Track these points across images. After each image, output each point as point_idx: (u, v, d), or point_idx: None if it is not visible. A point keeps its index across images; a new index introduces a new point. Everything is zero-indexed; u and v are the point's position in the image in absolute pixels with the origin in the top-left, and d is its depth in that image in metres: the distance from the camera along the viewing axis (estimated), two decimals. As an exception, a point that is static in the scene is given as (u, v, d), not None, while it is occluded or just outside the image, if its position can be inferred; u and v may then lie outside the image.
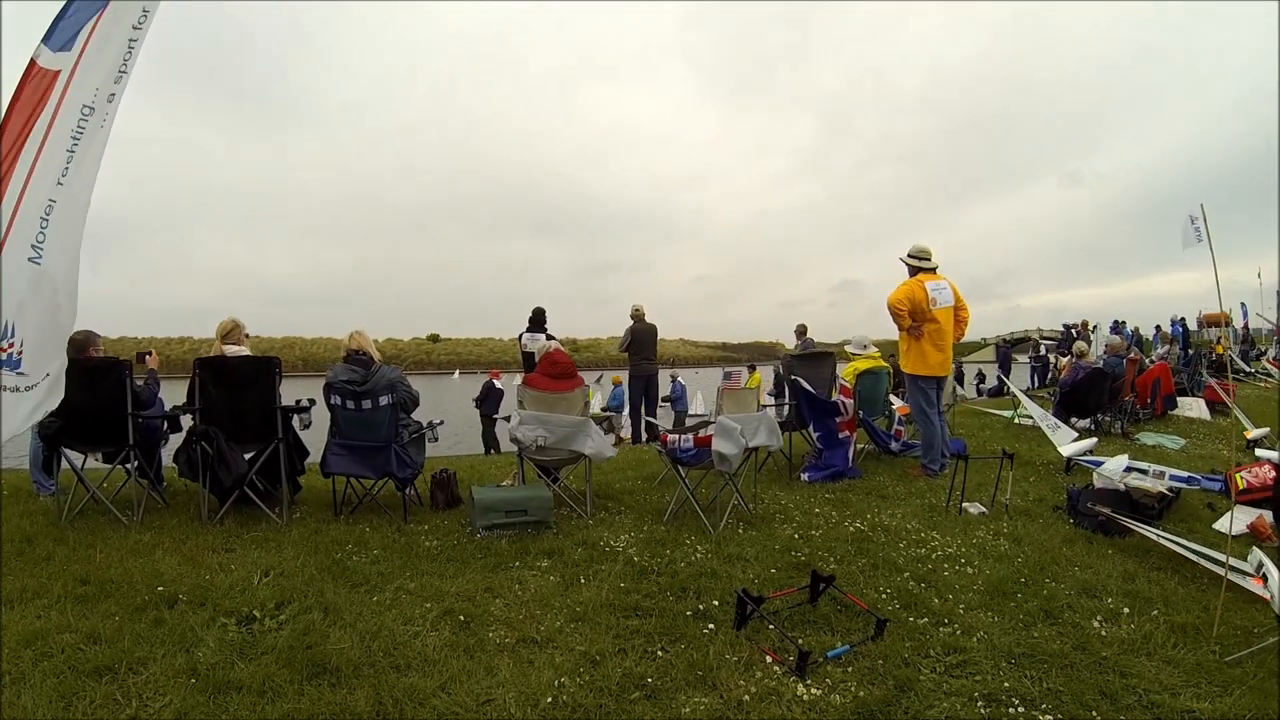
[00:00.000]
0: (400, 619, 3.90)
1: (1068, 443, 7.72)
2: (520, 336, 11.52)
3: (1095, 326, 25.56)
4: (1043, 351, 27.33)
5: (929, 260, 7.70)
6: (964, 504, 6.06)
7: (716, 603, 4.09)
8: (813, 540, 5.28)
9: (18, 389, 4.69)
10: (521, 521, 5.45)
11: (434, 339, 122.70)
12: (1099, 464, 6.63)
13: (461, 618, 3.91)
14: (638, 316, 12.80)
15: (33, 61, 4.76)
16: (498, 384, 17.76)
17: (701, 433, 5.94)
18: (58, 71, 4.80)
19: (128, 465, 6.08)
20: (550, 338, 11.28)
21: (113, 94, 5.03)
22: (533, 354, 11.08)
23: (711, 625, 3.84)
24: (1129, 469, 6.33)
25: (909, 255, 7.78)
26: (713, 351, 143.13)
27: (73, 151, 4.82)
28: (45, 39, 4.78)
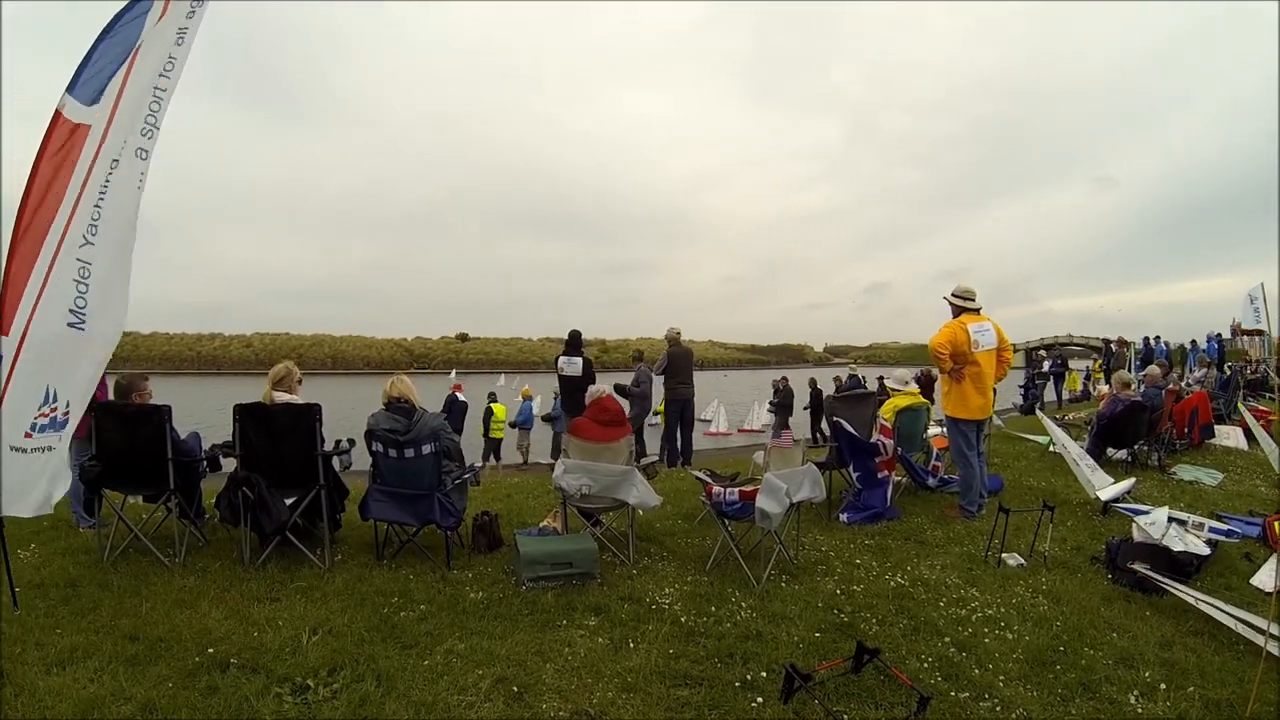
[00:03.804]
0: (453, 687, 3.95)
1: (1105, 486, 7.70)
2: (557, 359, 11.65)
3: (1131, 344, 25.34)
4: (1046, 368, 26.95)
5: (973, 301, 7.68)
6: (1003, 554, 6.09)
7: (764, 673, 4.13)
8: (854, 597, 5.31)
9: (54, 449, 4.85)
10: (567, 574, 5.48)
11: (463, 338, 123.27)
12: (1138, 511, 6.63)
13: (515, 687, 3.95)
14: (674, 339, 12.83)
15: (58, 112, 4.79)
16: (461, 396, 17.62)
17: (748, 486, 5.99)
18: (88, 126, 4.84)
19: (168, 504, 6.18)
20: (587, 361, 11.43)
21: (141, 148, 5.08)
22: (570, 378, 11.21)
23: (760, 699, 3.89)
24: (1170, 520, 6.31)
25: (953, 295, 7.75)
26: (741, 353, 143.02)
27: (99, 207, 4.86)
28: (70, 88, 4.81)
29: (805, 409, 23.63)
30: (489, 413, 18.80)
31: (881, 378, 27.94)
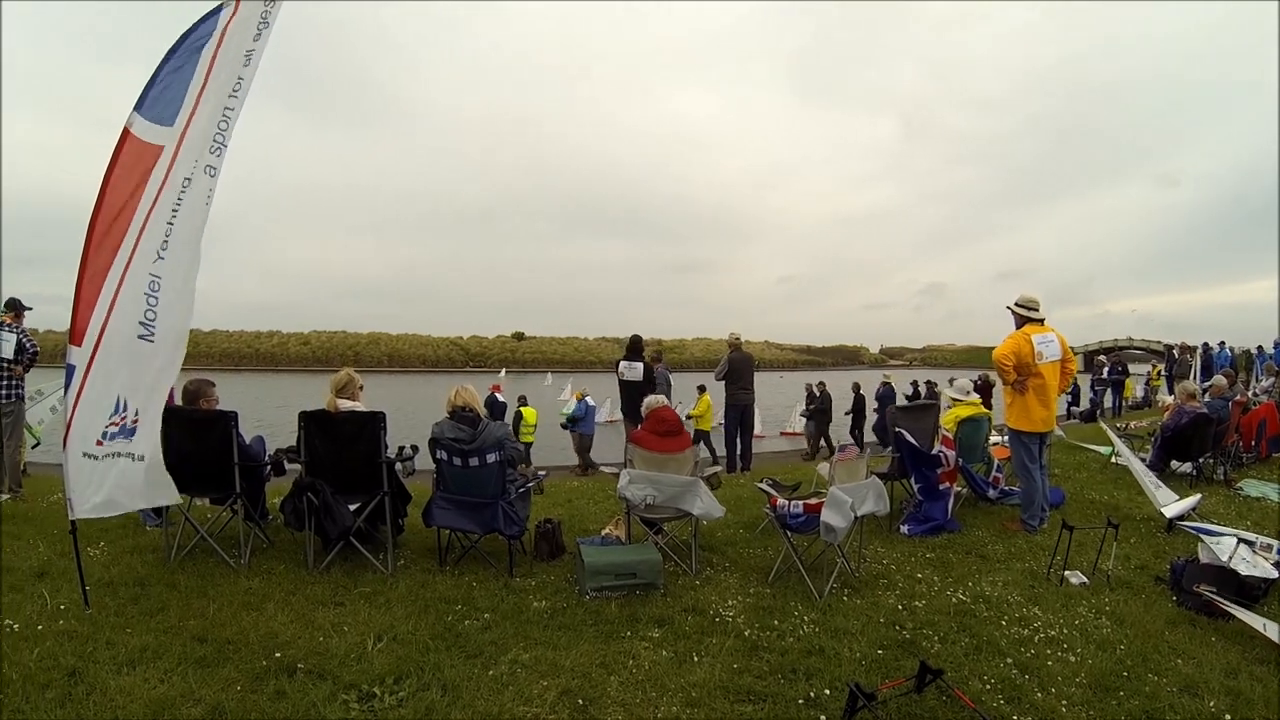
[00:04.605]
0: (518, 698, 3.98)
1: (1170, 503, 7.60)
2: (618, 364, 11.71)
3: (1195, 349, 24.77)
4: (1105, 374, 26.33)
5: (1037, 311, 7.59)
6: (1065, 572, 6.00)
7: (828, 690, 4.12)
8: (916, 613, 5.28)
9: (132, 456, 4.98)
10: (631, 584, 5.52)
11: (519, 337, 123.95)
12: (1204, 530, 6.54)
13: (580, 700, 3.98)
14: (735, 344, 12.84)
15: (127, 130, 4.87)
16: (499, 397, 17.50)
17: (812, 499, 6.01)
18: (161, 146, 4.94)
19: (233, 507, 6.33)
20: (648, 367, 11.48)
21: (210, 166, 5.16)
22: (631, 382, 11.27)
23: (823, 717, 3.88)
24: (1239, 542, 6.20)
25: (1017, 304, 7.67)
26: (797, 355, 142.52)
27: (171, 224, 4.97)
28: (138, 106, 4.91)
29: (846, 414, 23.05)
30: (518, 416, 18.68)
31: (916, 382, 27.71)
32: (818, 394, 21.75)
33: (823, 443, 21.12)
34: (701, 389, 18.71)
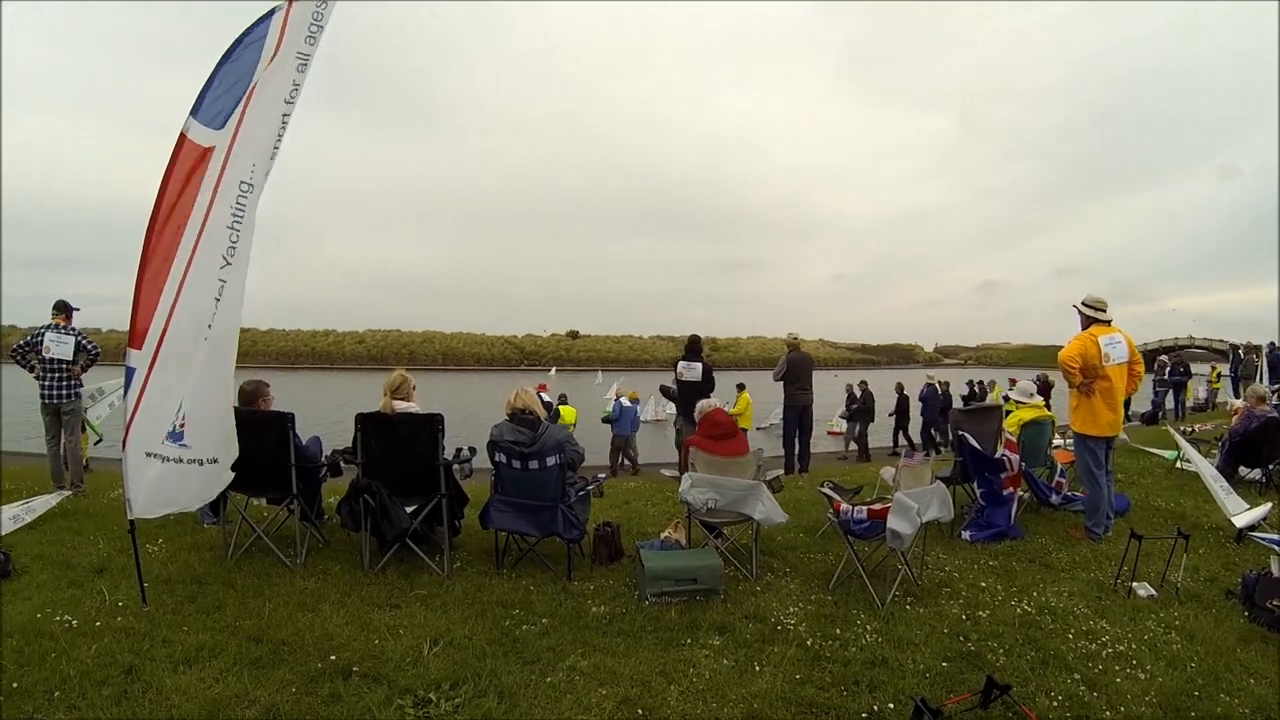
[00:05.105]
0: (577, 707, 3.94)
1: (1240, 512, 7.40)
2: (677, 364, 11.68)
3: (1262, 349, 24.07)
4: (1166, 375, 25.20)
5: (1105, 312, 7.38)
6: (1133, 583, 5.82)
7: (891, 704, 4.03)
8: (980, 624, 5.15)
9: (180, 460, 5.01)
10: (691, 590, 5.46)
11: (573, 335, 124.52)
12: (1277, 543, 6.35)
13: (639, 710, 3.94)
14: (793, 344, 12.77)
15: (183, 135, 4.91)
16: (545, 396, 17.42)
17: (877, 505, 5.89)
18: (212, 148, 4.96)
19: (289, 507, 6.37)
20: (707, 367, 11.42)
21: (264, 169, 5.20)
22: (690, 383, 11.24)
23: None
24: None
25: (1084, 304, 7.46)
26: (852, 353, 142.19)
27: (235, 229, 5.00)
28: (194, 111, 4.94)
29: (890, 415, 22.92)
30: (556, 415, 18.20)
31: (973, 382, 27.35)
32: (859, 394, 21.53)
33: (853, 444, 21.11)
34: (741, 387, 18.63)
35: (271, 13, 5.21)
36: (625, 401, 18.73)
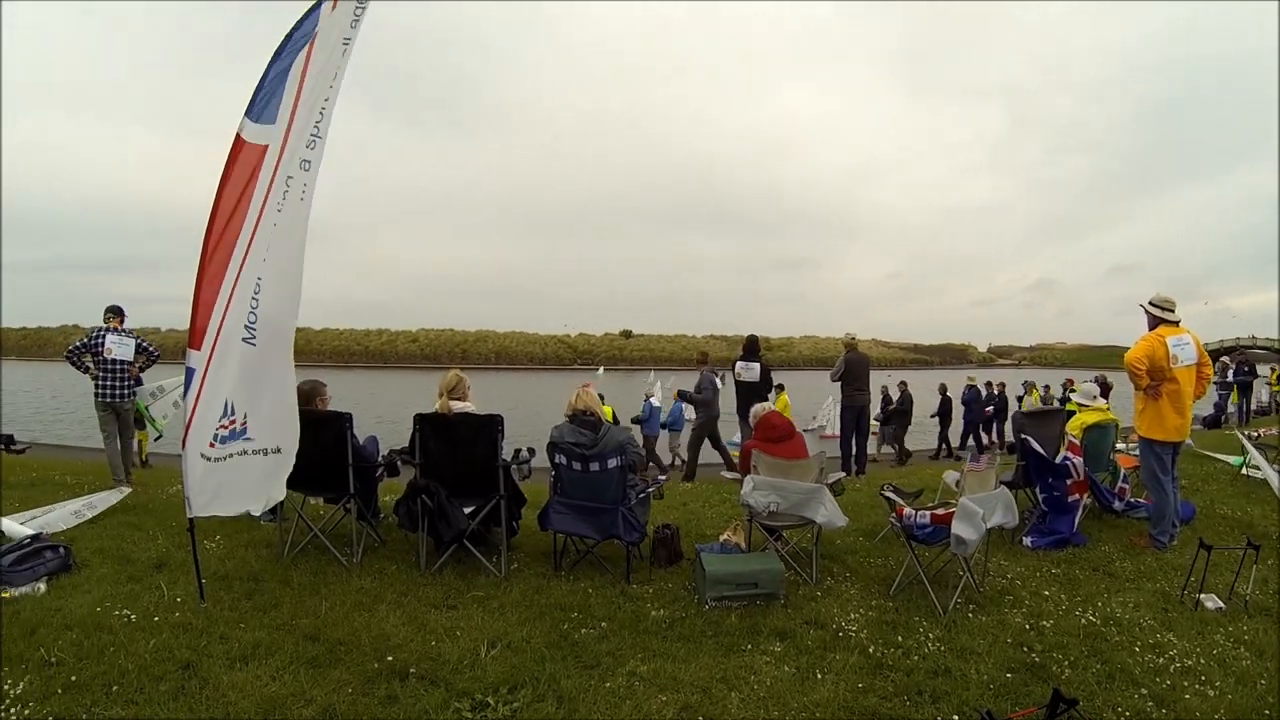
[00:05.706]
0: (636, 713, 3.91)
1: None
2: (734, 365, 11.65)
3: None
4: (1229, 377, 24.07)
5: (1173, 312, 7.15)
6: (1200, 595, 5.63)
7: (955, 716, 3.95)
8: (1044, 634, 5.02)
9: (245, 452, 5.11)
10: (752, 594, 5.40)
11: (626, 334, 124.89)
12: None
13: (700, 717, 3.89)
14: (851, 345, 12.68)
15: (239, 137, 4.93)
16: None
17: (940, 510, 5.80)
18: (265, 146, 4.99)
19: (346, 506, 6.41)
20: (765, 367, 11.38)
21: (305, 160, 5.21)
22: (748, 383, 11.20)
23: None
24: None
25: (1151, 304, 7.24)
26: (904, 353, 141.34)
27: (276, 224, 5.03)
28: (248, 112, 4.96)
29: (932, 417, 22.44)
30: None
31: (1028, 382, 26.89)
32: (895, 395, 21.13)
33: (886, 447, 20.78)
34: (780, 388, 18.25)
35: (319, 4, 5.22)
36: (654, 402, 18.79)
